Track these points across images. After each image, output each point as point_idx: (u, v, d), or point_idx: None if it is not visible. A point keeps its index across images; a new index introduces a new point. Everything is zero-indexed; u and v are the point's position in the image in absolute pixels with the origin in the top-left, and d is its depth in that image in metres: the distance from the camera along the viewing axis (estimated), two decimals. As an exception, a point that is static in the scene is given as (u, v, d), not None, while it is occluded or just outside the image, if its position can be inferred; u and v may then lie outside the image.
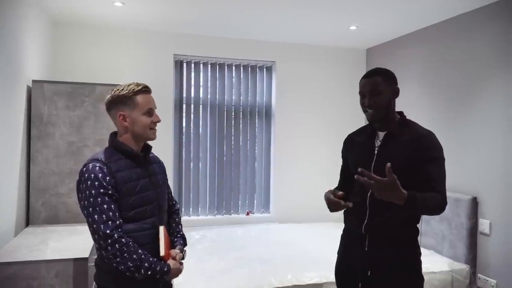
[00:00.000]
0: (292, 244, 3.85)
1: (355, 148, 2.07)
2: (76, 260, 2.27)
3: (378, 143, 1.95)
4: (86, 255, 2.32)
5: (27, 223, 3.15)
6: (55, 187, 3.18)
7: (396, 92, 1.94)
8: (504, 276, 3.14)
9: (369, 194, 1.91)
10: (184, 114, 4.66)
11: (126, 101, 1.73)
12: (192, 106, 4.68)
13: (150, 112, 1.77)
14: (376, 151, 1.93)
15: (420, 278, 1.94)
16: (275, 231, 4.39)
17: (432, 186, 1.79)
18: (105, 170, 1.65)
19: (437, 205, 1.79)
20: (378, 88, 1.88)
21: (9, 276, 2.17)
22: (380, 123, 1.94)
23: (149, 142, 1.86)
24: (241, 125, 4.83)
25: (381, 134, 1.96)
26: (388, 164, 1.62)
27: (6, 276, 2.17)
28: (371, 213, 1.91)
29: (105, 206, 1.61)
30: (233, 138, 4.81)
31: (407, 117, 2.00)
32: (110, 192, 1.63)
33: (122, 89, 1.74)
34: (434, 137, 1.90)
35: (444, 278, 3.17)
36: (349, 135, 2.19)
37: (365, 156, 1.96)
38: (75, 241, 2.63)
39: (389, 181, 1.63)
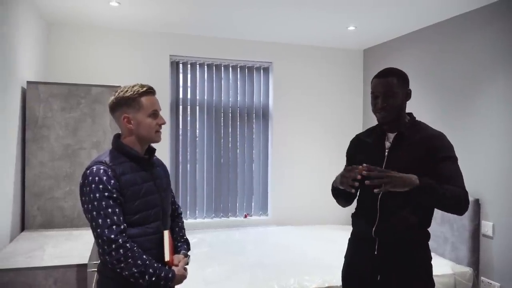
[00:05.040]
0: (292, 247, 3.80)
1: (364, 149, 2.01)
2: (75, 266, 2.19)
3: (388, 144, 1.91)
4: (86, 261, 2.24)
5: (23, 228, 3.06)
6: (51, 191, 3.09)
7: (408, 94, 1.90)
8: (508, 279, 3.12)
9: (379, 196, 1.86)
10: (180, 116, 4.59)
11: (131, 103, 1.68)
12: (188, 107, 4.62)
13: (155, 114, 1.73)
14: (386, 153, 1.89)
15: (431, 283, 1.90)
16: (274, 234, 4.33)
17: (451, 184, 1.75)
18: (109, 173, 1.60)
19: (458, 196, 1.73)
20: (392, 90, 1.83)
21: (5, 283, 2.08)
22: (391, 124, 1.90)
23: (152, 145, 1.81)
24: (238, 127, 4.78)
25: (391, 136, 1.91)
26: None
27: (2, 284, 2.08)
28: (382, 216, 1.87)
29: (109, 210, 1.56)
30: (230, 139, 4.76)
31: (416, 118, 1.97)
32: (114, 195, 1.58)
33: (126, 91, 1.68)
34: (445, 138, 1.88)
35: (447, 281, 3.14)
36: (357, 135, 2.14)
37: (375, 157, 1.92)
38: (72, 247, 2.55)
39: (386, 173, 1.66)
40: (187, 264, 1.82)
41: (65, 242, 2.67)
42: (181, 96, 4.58)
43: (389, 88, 1.83)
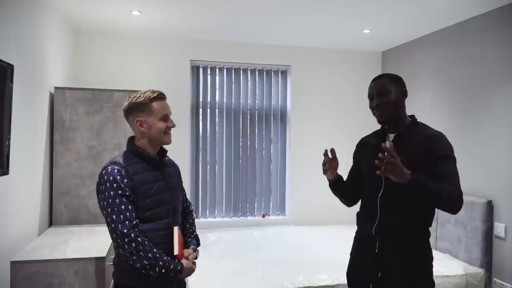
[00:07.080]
0: (307, 246, 3.88)
1: (367, 150, 2.09)
2: (94, 259, 2.36)
3: (388, 144, 1.97)
4: (104, 254, 2.41)
5: (50, 223, 3.27)
6: (77, 189, 3.29)
7: (404, 94, 1.95)
8: (520, 281, 3.11)
9: (379, 195, 1.93)
10: (200, 118, 4.75)
11: (143, 108, 1.82)
12: (208, 110, 4.77)
13: (165, 117, 1.85)
14: (386, 153, 1.95)
15: (431, 283, 1.92)
16: (291, 233, 4.42)
17: (447, 182, 1.75)
18: (123, 173, 1.73)
19: (451, 195, 1.73)
20: (385, 88, 1.91)
21: (30, 273, 2.28)
22: (390, 124, 1.96)
23: (165, 146, 1.94)
24: (256, 129, 4.90)
25: (391, 136, 1.97)
26: (386, 144, 1.73)
27: (28, 274, 2.27)
28: (382, 215, 1.93)
29: (122, 207, 1.69)
30: (249, 141, 4.88)
31: (417, 120, 2.01)
32: (127, 193, 1.71)
33: (139, 97, 1.82)
34: (444, 137, 1.90)
35: (458, 282, 3.15)
36: (362, 138, 2.23)
37: (376, 157, 1.98)
38: (94, 241, 2.72)
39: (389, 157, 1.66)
40: (196, 258, 1.93)
41: (88, 237, 2.86)
42: (201, 99, 4.74)
43: (381, 87, 1.92)
